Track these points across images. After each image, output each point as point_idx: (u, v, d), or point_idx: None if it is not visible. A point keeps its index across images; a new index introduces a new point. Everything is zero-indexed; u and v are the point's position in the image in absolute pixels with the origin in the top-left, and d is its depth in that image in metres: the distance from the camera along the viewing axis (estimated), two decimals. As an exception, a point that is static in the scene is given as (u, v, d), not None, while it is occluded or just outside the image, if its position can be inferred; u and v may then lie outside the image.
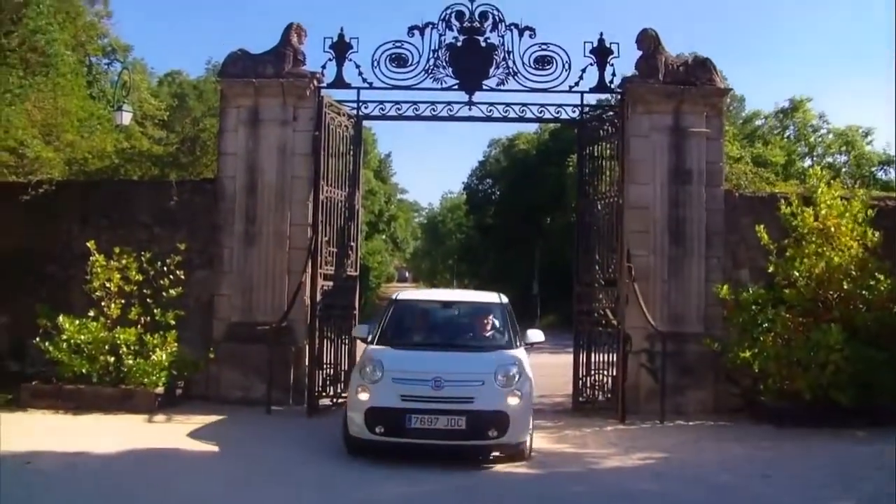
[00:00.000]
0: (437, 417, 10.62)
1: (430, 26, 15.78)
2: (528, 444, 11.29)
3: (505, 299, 13.36)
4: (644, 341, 15.08)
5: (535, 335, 12.64)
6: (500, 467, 10.90)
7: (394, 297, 14.16)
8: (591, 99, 16.70)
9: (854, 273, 14.48)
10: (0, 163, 17.35)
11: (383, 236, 63.88)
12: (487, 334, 12.62)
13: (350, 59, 15.85)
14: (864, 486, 10.26)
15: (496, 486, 10.23)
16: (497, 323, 12.71)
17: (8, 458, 10.47)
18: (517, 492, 9.99)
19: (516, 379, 11.06)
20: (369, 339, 12.50)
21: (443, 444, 10.72)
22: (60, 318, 14.55)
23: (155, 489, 9.60)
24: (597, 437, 13.29)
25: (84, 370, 14.42)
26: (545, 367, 17.63)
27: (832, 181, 15.91)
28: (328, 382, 15.35)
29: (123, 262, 15.05)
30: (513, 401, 10.84)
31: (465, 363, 11.38)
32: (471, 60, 15.84)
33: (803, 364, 13.82)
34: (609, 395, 15.30)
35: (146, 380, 14.45)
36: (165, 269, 15.12)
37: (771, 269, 14.87)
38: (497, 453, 11.09)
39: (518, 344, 12.17)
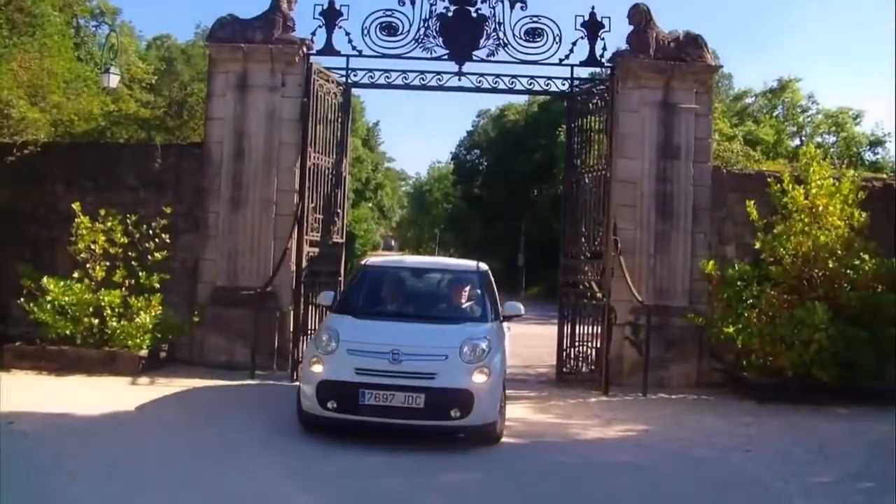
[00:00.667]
0: (392, 394, 9.83)
1: (422, -5, 15.71)
2: (498, 425, 10.49)
3: (483, 267, 12.82)
4: (629, 314, 15.13)
5: (514, 308, 12.03)
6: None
7: (363, 262, 13.89)
8: (582, 72, 16.70)
9: (840, 252, 14.53)
10: (-16, 123, 17.23)
11: (370, 204, 63.75)
12: (459, 305, 11.93)
13: (340, 27, 15.77)
14: (845, 462, 10.32)
15: (479, 455, 10.14)
16: (471, 293, 12.05)
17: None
18: (500, 461, 9.97)
19: (485, 354, 10.25)
20: (333, 306, 11.98)
21: (399, 423, 9.92)
22: (45, 279, 14.53)
23: (133, 451, 9.59)
24: (580, 409, 13.33)
25: (68, 332, 14.42)
26: (530, 337, 17.77)
27: (822, 161, 15.94)
28: (312, 349, 15.34)
29: (109, 224, 14.99)
30: (479, 378, 10.05)
31: (429, 336, 10.59)
32: (461, 31, 15.77)
33: (787, 341, 13.89)
34: (593, 367, 15.37)
35: (130, 342, 14.44)
36: (151, 232, 15.10)
37: (758, 246, 14.91)
38: (462, 435, 10.36)
39: (493, 316, 11.54)
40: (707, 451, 10.81)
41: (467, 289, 12.13)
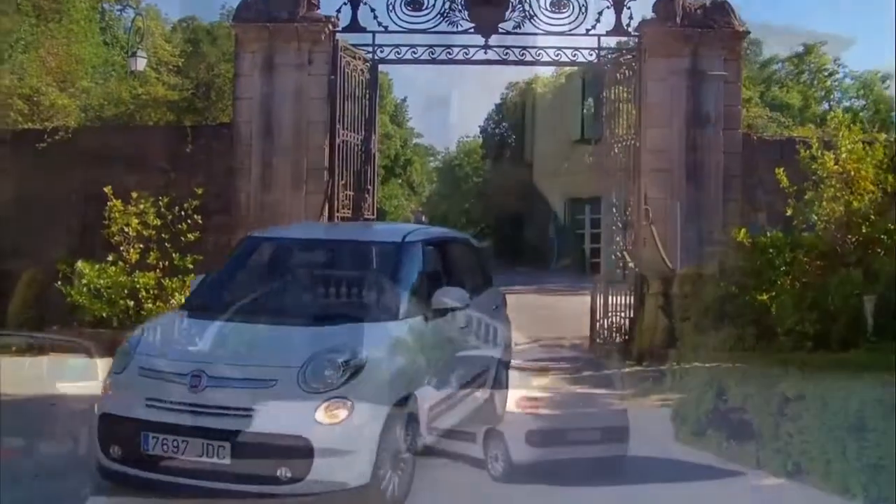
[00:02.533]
0: (185, 441, 6.45)
1: (447, -31, 15.65)
2: (383, 489, 6.73)
3: (416, 237, 8.84)
4: (661, 283, 15.08)
5: (450, 295, 8.08)
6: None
7: (249, 232, 10.71)
8: (609, 42, 16.58)
9: (873, 218, 14.40)
10: (15, 110, 17.34)
11: (399, 181, 63.75)
12: (350, 295, 8.22)
13: (365, 3, 15.78)
14: (881, 425, 10.28)
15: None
16: (380, 276, 8.26)
17: (32, 400, 10.59)
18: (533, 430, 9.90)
19: (345, 376, 6.60)
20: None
21: (197, 485, 6.51)
22: (79, 263, 14.64)
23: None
24: (614, 379, 13.33)
25: (104, 314, 14.50)
26: (562, 309, 17.72)
27: (852, 125, 15.79)
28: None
29: (141, 206, 15.07)
30: (330, 416, 6.46)
31: (261, 346, 7.11)
32: (487, 3, 15.71)
33: (821, 307, 13.81)
34: (626, 337, 15.34)
35: (166, 324, 14.49)
36: (183, 213, 15.15)
37: (789, 213, 14.81)
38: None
39: (410, 311, 7.70)
40: (744, 417, 10.80)
41: (376, 270, 8.49)
